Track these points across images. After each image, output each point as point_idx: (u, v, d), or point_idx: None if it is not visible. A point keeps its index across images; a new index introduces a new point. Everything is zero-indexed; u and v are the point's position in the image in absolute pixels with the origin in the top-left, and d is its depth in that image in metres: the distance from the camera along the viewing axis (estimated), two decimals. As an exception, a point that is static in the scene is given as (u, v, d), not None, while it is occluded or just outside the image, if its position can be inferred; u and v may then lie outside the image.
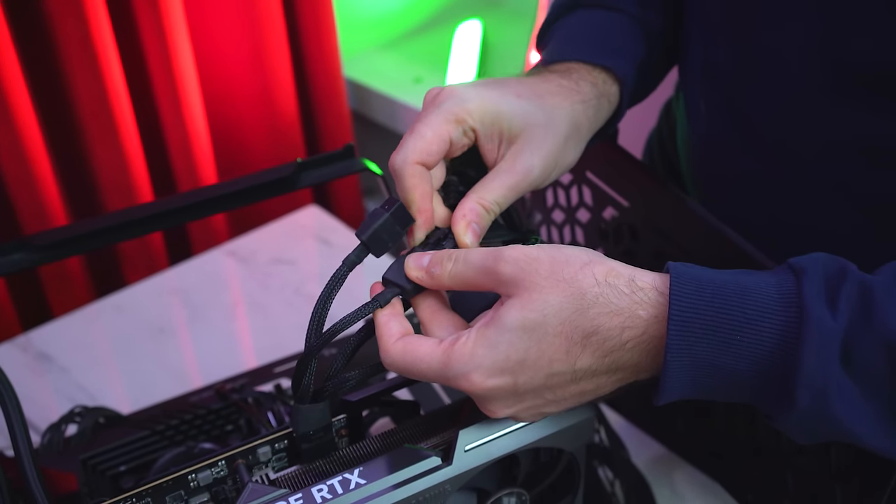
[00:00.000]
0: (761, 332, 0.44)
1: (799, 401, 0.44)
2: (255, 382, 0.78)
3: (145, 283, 1.14)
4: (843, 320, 0.44)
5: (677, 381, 0.46)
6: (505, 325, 0.46)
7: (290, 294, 1.10)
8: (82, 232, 0.62)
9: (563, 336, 0.46)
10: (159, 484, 0.52)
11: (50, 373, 1.00)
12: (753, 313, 0.44)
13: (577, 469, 0.56)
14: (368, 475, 0.49)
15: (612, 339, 0.46)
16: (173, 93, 1.31)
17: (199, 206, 0.65)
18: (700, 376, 0.46)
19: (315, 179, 0.69)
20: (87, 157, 1.31)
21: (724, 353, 0.45)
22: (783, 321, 0.44)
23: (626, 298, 0.46)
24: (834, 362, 0.44)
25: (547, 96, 0.58)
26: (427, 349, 0.48)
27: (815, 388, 0.44)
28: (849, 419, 0.45)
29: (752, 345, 0.44)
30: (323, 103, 1.53)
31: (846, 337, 0.44)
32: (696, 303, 0.45)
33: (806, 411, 0.44)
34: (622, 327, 0.46)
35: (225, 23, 1.40)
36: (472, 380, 0.46)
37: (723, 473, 0.76)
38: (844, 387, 0.44)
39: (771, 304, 0.44)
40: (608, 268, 0.47)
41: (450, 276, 0.49)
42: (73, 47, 1.20)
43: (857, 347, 0.44)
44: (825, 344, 0.43)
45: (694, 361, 0.45)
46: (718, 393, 0.47)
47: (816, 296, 0.44)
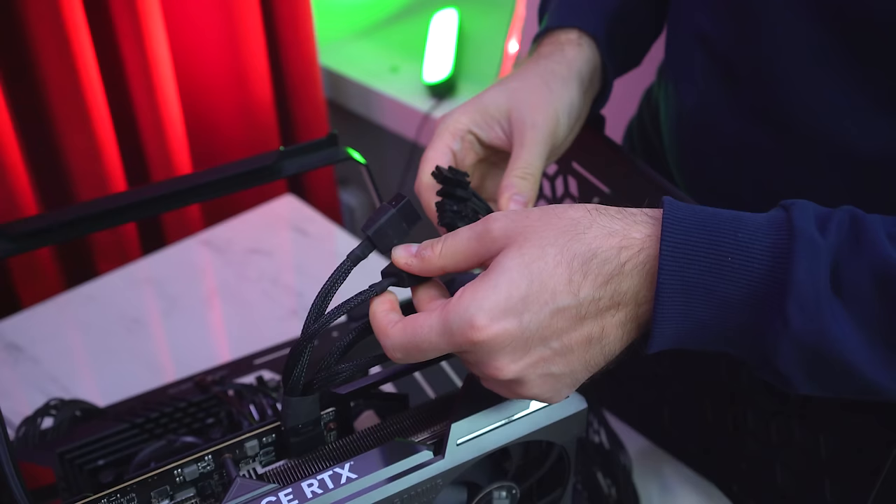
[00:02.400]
0: (752, 254, 0.45)
1: (792, 319, 0.44)
2: (236, 374, 0.77)
3: (118, 273, 1.13)
4: (832, 240, 0.44)
5: (670, 308, 0.45)
6: (503, 266, 0.46)
7: (266, 284, 1.09)
8: (62, 220, 0.60)
9: (562, 265, 0.46)
10: (145, 479, 0.50)
11: (20, 364, 0.98)
12: (744, 237, 0.45)
13: (568, 462, 0.56)
14: (360, 469, 0.48)
15: (611, 262, 0.46)
16: (147, 80, 1.28)
17: (182, 195, 0.63)
18: (692, 304, 0.45)
19: (298, 168, 0.67)
20: (59, 145, 1.28)
21: (717, 277, 0.45)
22: (773, 241, 0.45)
23: (618, 221, 0.47)
24: (824, 282, 0.44)
25: (522, 69, 0.65)
26: (425, 316, 0.47)
27: (807, 305, 0.44)
28: (844, 346, 0.44)
29: (743, 267, 0.44)
30: (298, 91, 1.52)
31: (836, 260, 0.44)
32: (688, 226, 0.45)
33: (801, 334, 0.44)
34: (619, 247, 0.46)
35: (200, 9, 1.37)
36: (476, 324, 0.45)
37: (710, 467, 0.76)
38: (837, 312, 0.44)
39: (762, 228, 0.45)
40: (595, 204, 0.49)
41: (440, 255, 0.49)
42: (44, 32, 1.17)
43: (847, 272, 0.44)
44: (815, 260, 0.44)
45: (686, 285, 0.45)
46: (711, 329, 0.46)
47: (806, 220, 0.45)
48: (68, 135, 1.27)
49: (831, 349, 0.45)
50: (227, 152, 1.49)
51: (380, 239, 0.51)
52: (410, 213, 0.52)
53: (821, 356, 0.45)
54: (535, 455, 0.56)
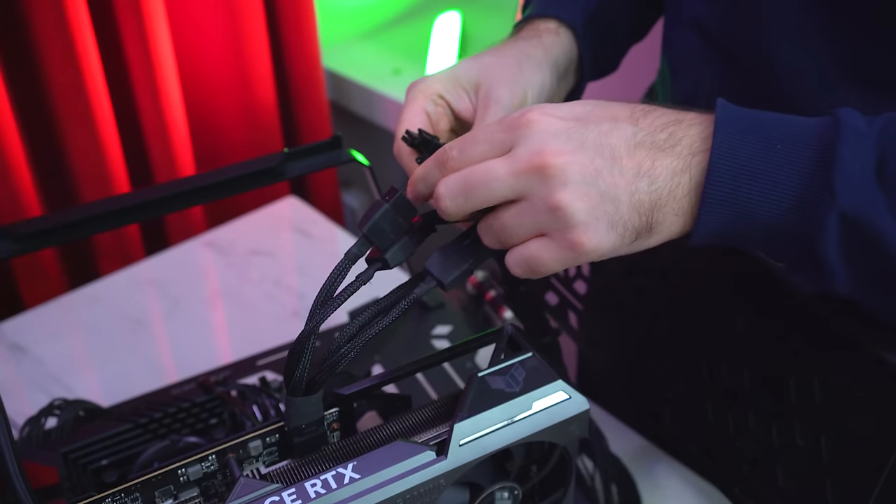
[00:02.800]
0: (800, 141, 0.47)
1: (839, 191, 0.45)
2: (239, 375, 0.77)
3: (121, 274, 1.13)
4: (878, 129, 0.46)
5: (719, 188, 0.47)
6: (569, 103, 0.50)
7: (269, 286, 1.09)
8: (65, 221, 0.61)
9: (626, 106, 0.49)
10: (148, 478, 0.51)
11: (23, 364, 0.98)
12: (793, 129, 0.47)
13: (570, 463, 0.56)
14: (363, 469, 0.48)
15: (671, 115, 0.49)
16: (151, 81, 1.29)
17: (185, 196, 0.64)
18: (741, 185, 0.47)
19: (302, 170, 0.68)
20: (63, 146, 1.29)
21: (765, 161, 0.47)
22: (821, 131, 0.47)
23: (673, 110, 0.50)
24: (869, 166, 0.45)
25: (498, 47, 0.66)
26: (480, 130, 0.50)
27: (853, 179, 0.45)
28: (884, 225, 0.46)
29: (792, 152, 0.47)
30: (302, 93, 1.52)
31: (881, 147, 0.46)
32: (742, 117, 0.48)
33: (847, 206, 0.45)
34: (678, 111, 0.49)
35: (204, 11, 1.38)
36: (534, 110, 0.48)
37: (711, 468, 0.76)
38: (878, 196, 0.45)
39: (809, 124, 0.48)
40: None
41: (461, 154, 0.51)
42: (49, 33, 1.18)
43: (890, 160, 0.46)
44: (861, 144, 0.46)
45: (736, 167, 0.47)
46: (757, 215, 0.47)
47: (854, 115, 0.47)
48: (72, 136, 1.27)
49: (873, 225, 0.46)
50: (231, 154, 1.50)
51: (376, 235, 0.51)
52: (405, 206, 0.52)
53: (863, 234, 0.46)
54: (537, 456, 0.56)
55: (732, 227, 0.48)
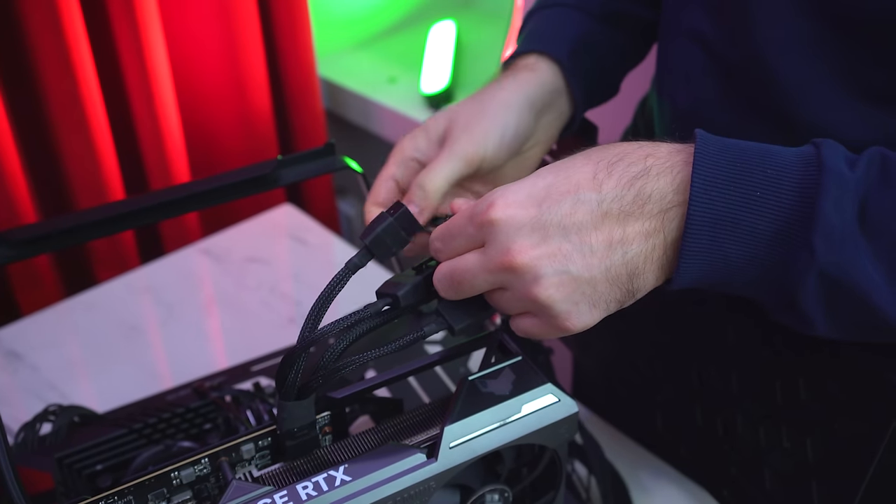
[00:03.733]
0: (781, 187, 0.45)
1: (818, 251, 0.44)
2: (234, 380, 0.78)
3: (117, 282, 1.13)
4: (861, 176, 0.45)
5: (698, 240, 0.46)
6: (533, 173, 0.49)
7: (264, 293, 1.10)
8: (61, 228, 0.61)
9: (589, 164, 0.47)
10: (142, 481, 0.51)
11: (19, 371, 0.99)
12: (773, 172, 0.46)
13: (560, 466, 0.56)
14: (354, 472, 0.49)
15: (637, 165, 0.47)
16: (146, 89, 1.29)
17: (180, 203, 0.64)
18: (720, 236, 0.46)
19: (295, 177, 0.68)
20: (58, 153, 1.29)
21: (745, 210, 0.45)
22: (802, 176, 0.45)
23: (646, 144, 0.48)
24: (851, 216, 0.44)
25: (474, 95, 0.67)
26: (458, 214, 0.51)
27: (833, 237, 0.44)
28: (865, 279, 0.45)
29: (772, 200, 0.45)
30: (297, 102, 1.53)
31: (864, 195, 0.45)
32: (719, 160, 0.46)
33: (825, 266, 0.45)
34: (646, 155, 0.47)
35: (199, 19, 1.38)
36: (496, 204, 0.47)
37: (701, 472, 0.77)
38: (861, 246, 0.45)
39: (791, 162, 0.46)
40: None
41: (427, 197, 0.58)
42: (44, 40, 1.18)
43: (874, 207, 0.45)
44: (843, 195, 0.44)
45: (715, 217, 0.45)
46: (737, 264, 0.46)
47: (836, 156, 0.46)
48: (67, 143, 1.27)
49: (853, 282, 0.45)
50: (226, 162, 1.50)
51: (378, 248, 0.52)
52: (409, 221, 0.53)
53: (842, 290, 0.45)
54: (527, 458, 0.57)
55: (713, 276, 0.47)
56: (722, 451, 0.71)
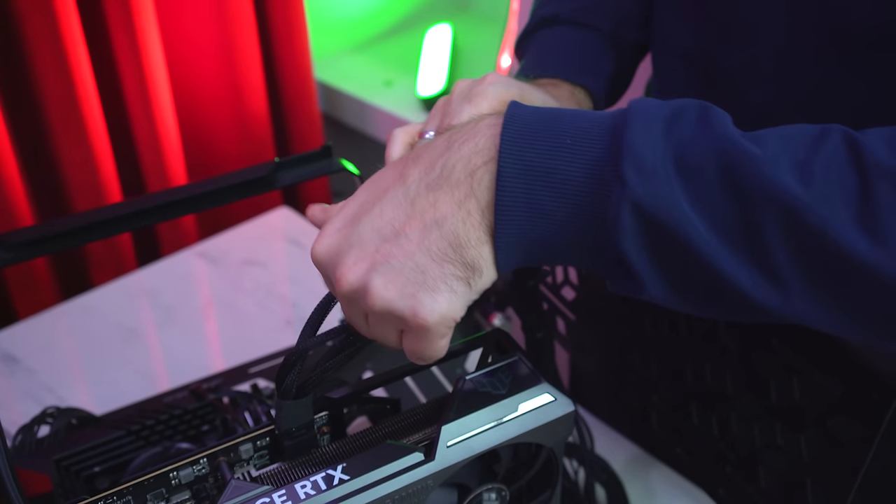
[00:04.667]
0: (590, 135, 0.44)
1: (629, 181, 0.42)
2: (231, 382, 0.78)
3: (114, 284, 1.13)
4: (669, 112, 0.44)
5: (512, 193, 0.44)
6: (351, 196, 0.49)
7: (261, 295, 1.10)
8: (58, 230, 0.61)
9: (397, 165, 0.47)
10: (141, 481, 0.51)
11: (16, 375, 0.99)
12: (584, 122, 0.44)
13: (556, 464, 0.57)
14: (352, 471, 0.49)
15: (440, 145, 0.46)
16: (143, 92, 1.30)
17: (177, 205, 0.64)
18: (534, 188, 0.44)
19: (292, 179, 0.69)
20: (55, 156, 1.30)
21: (556, 159, 0.44)
22: (612, 122, 0.44)
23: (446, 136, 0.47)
24: (663, 153, 0.42)
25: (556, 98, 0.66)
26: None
27: (644, 168, 0.42)
28: (686, 221, 0.42)
29: (582, 146, 0.44)
30: (294, 105, 1.53)
31: (678, 134, 0.43)
32: (530, 118, 0.45)
33: (640, 197, 0.42)
34: (448, 136, 0.47)
35: (196, 23, 1.39)
36: (315, 243, 0.47)
37: (697, 471, 0.77)
38: (676, 186, 0.42)
39: (602, 116, 0.45)
40: None
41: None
42: (42, 44, 1.19)
43: (691, 153, 0.43)
44: (651, 128, 0.43)
45: (527, 168, 0.44)
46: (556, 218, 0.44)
47: (643, 100, 0.44)
48: (64, 146, 1.28)
49: (671, 220, 0.42)
50: (223, 165, 1.51)
51: None
52: None
53: (661, 230, 0.43)
54: (524, 457, 0.57)
55: (534, 235, 0.45)
56: (717, 449, 0.71)
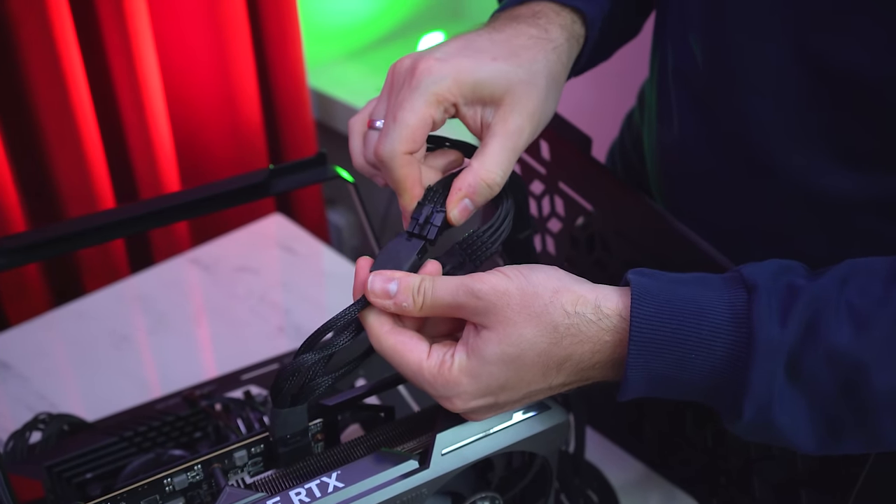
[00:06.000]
0: (713, 352, 0.48)
1: (745, 414, 0.48)
2: (224, 389, 0.78)
3: (107, 291, 1.13)
4: (790, 335, 0.47)
5: (635, 389, 0.50)
6: (485, 358, 0.49)
7: (254, 302, 1.10)
8: (50, 236, 0.61)
9: (539, 365, 0.49)
10: (134, 488, 0.51)
11: (8, 381, 0.98)
12: (707, 333, 0.48)
13: (550, 473, 0.57)
14: (346, 478, 0.49)
15: (584, 362, 0.50)
16: (137, 99, 1.30)
17: (171, 212, 0.64)
18: (656, 386, 0.50)
19: (287, 186, 0.69)
20: (48, 163, 1.29)
21: (679, 369, 0.49)
22: (734, 341, 0.48)
23: (593, 326, 0.49)
24: (780, 376, 0.47)
25: (522, 52, 0.56)
26: (415, 360, 0.50)
27: (760, 403, 0.48)
28: (788, 428, 0.49)
29: (705, 363, 0.48)
30: (287, 112, 1.53)
31: (794, 350, 0.47)
32: (654, 323, 0.48)
33: (751, 422, 0.49)
34: (592, 352, 0.50)
35: (190, 30, 1.39)
36: (455, 403, 0.50)
37: (691, 482, 0.77)
38: (788, 398, 0.48)
39: (723, 325, 0.48)
40: (576, 296, 0.50)
41: (421, 312, 0.50)
42: (35, 51, 1.18)
43: (804, 360, 0.47)
44: (772, 361, 0.47)
45: (651, 375, 0.49)
46: (673, 395, 0.51)
47: (766, 316, 0.47)
48: (58, 152, 1.27)
49: (779, 433, 0.49)
50: (216, 172, 1.50)
51: None
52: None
53: (767, 433, 0.50)
54: (517, 466, 0.57)
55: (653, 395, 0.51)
56: (712, 461, 0.71)
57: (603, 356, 0.50)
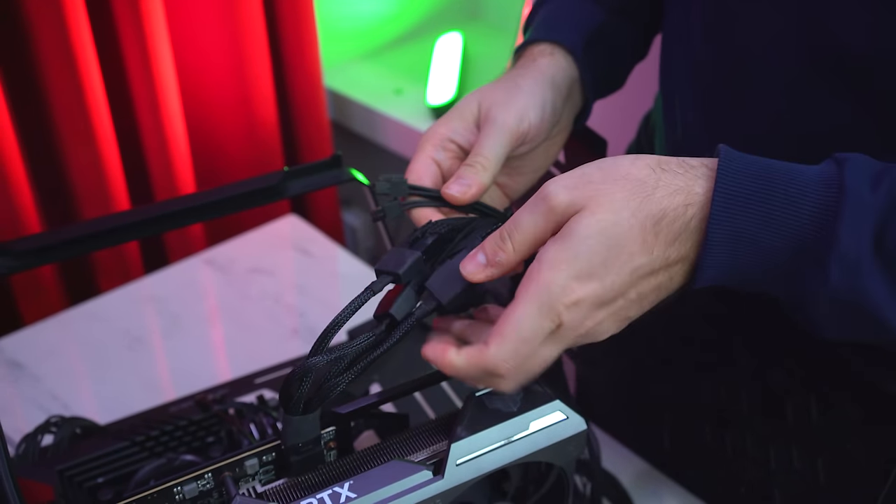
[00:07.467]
0: (801, 209, 0.46)
1: (832, 275, 0.46)
2: (237, 393, 0.77)
3: (120, 291, 1.13)
4: (882, 199, 0.45)
5: (717, 255, 0.48)
6: (580, 234, 0.47)
7: (269, 304, 1.09)
8: (65, 238, 0.61)
9: (636, 227, 0.48)
10: (144, 496, 0.50)
11: (21, 381, 0.98)
12: (795, 191, 0.47)
13: (567, 483, 0.56)
14: (359, 488, 0.48)
15: (679, 219, 0.48)
16: (152, 99, 1.29)
17: (186, 214, 0.64)
18: (739, 252, 0.48)
19: (302, 188, 0.68)
20: (63, 164, 1.29)
21: (765, 228, 0.47)
22: (823, 198, 0.46)
23: (681, 177, 0.48)
24: (868, 240, 0.45)
25: (500, 78, 0.66)
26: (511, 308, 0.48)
27: (848, 262, 0.45)
28: (880, 303, 0.46)
29: (791, 220, 0.46)
30: (303, 113, 1.53)
31: (882, 217, 0.45)
32: (742, 178, 0.47)
33: (838, 290, 0.46)
34: (685, 204, 0.48)
35: (206, 30, 1.38)
36: (569, 290, 0.47)
37: (709, 491, 0.76)
38: (876, 270, 0.46)
39: (812, 184, 0.47)
40: (657, 159, 0.49)
41: (516, 251, 0.50)
42: (51, 51, 1.18)
43: (891, 230, 0.45)
44: (862, 220, 0.45)
45: (734, 234, 0.47)
46: (754, 272, 0.48)
47: (859, 177, 0.46)
48: (72, 153, 1.27)
49: (867, 305, 0.46)
50: (232, 173, 1.50)
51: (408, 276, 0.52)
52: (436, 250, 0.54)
53: (855, 310, 0.47)
54: (534, 476, 0.56)
55: (727, 279, 0.49)
56: (731, 471, 0.70)
57: (696, 209, 0.48)
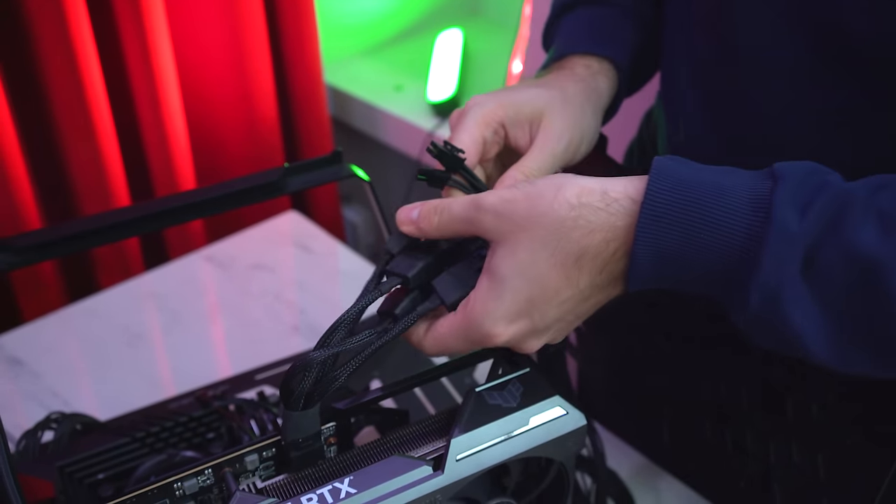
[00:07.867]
0: (726, 232, 0.46)
1: (751, 301, 0.46)
2: (237, 389, 0.77)
3: (120, 288, 1.13)
4: (809, 227, 0.45)
5: (642, 269, 0.48)
6: (503, 274, 0.49)
7: (269, 300, 1.09)
8: (65, 234, 0.61)
9: (556, 266, 0.49)
10: (144, 492, 0.50)
11: (21, 378, 0.98)
12: (722, 213, 0.46)
13: (567, 479, 0.56)
14: (359, 484, 0.48)
15: (601, 254, 0.49)
16: (153, 95, 1.29)
17: (186, 210, 0.64)
18: (664, 266, 0.48)
19: (302, 184, 0.68)
20: (63, 160, 1.29)
21: (689, 246, 0.47)
22: (749, 223, 0.46)
23: (601, 213, 0.48)
24: (793, 266, 0.45)
25: (554, 82, 0.65)
26: (447, 326, 0.52)
27: (768, 290, 0.45)
28: (798, 324, 0.46)
29: (717, 242, 0.46)
30: (303, 109, 1.52)
31: (812, 243, 0.45)
32: (667, 198, 0.47)
33: (758, 313, 0.46)
34: (605, 241, 0.48)
35: (207, 26, 1.38)
36: (494, 333, 0.50)
37: (709, 486, 0.76)
38: (800, 293, 0.45)
39: (741, 207, 0.46)
40: (579, 188, 0.49)
41: (437, 229, 0.53)
42: (51, 47, 1.18)
43: (822, 255, 0.45)
44: (787, 248, 0.45)
45: (659, 251, 0.47)
46: (681, 283, 0.49)
47: (788, 202, 0.45)
48: (73, 149, 1.27)
49: (787, 331, 0.46)
50: (232, 169, 1.50)
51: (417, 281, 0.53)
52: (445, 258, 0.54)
53: (776, 331, 0.47)
54: (534, 471, 0.56)
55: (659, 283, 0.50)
56: (731, 466, 0.70)
57: (618, 243, 0.48)
